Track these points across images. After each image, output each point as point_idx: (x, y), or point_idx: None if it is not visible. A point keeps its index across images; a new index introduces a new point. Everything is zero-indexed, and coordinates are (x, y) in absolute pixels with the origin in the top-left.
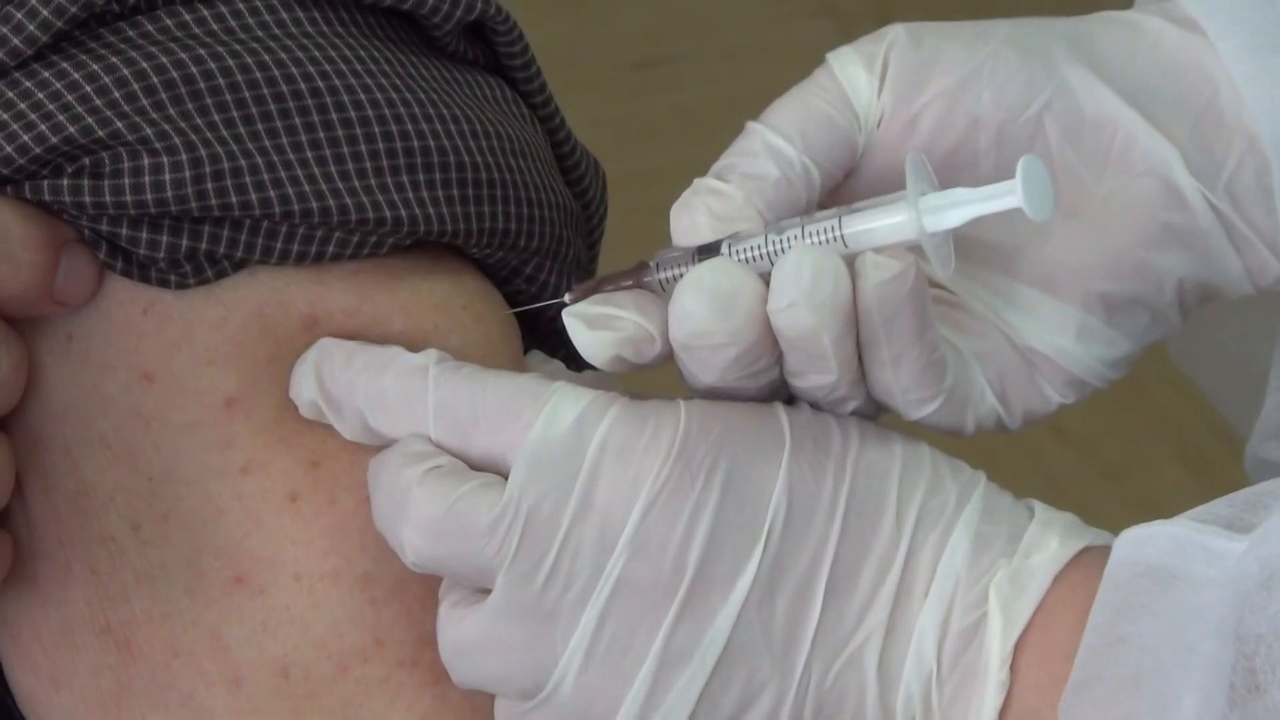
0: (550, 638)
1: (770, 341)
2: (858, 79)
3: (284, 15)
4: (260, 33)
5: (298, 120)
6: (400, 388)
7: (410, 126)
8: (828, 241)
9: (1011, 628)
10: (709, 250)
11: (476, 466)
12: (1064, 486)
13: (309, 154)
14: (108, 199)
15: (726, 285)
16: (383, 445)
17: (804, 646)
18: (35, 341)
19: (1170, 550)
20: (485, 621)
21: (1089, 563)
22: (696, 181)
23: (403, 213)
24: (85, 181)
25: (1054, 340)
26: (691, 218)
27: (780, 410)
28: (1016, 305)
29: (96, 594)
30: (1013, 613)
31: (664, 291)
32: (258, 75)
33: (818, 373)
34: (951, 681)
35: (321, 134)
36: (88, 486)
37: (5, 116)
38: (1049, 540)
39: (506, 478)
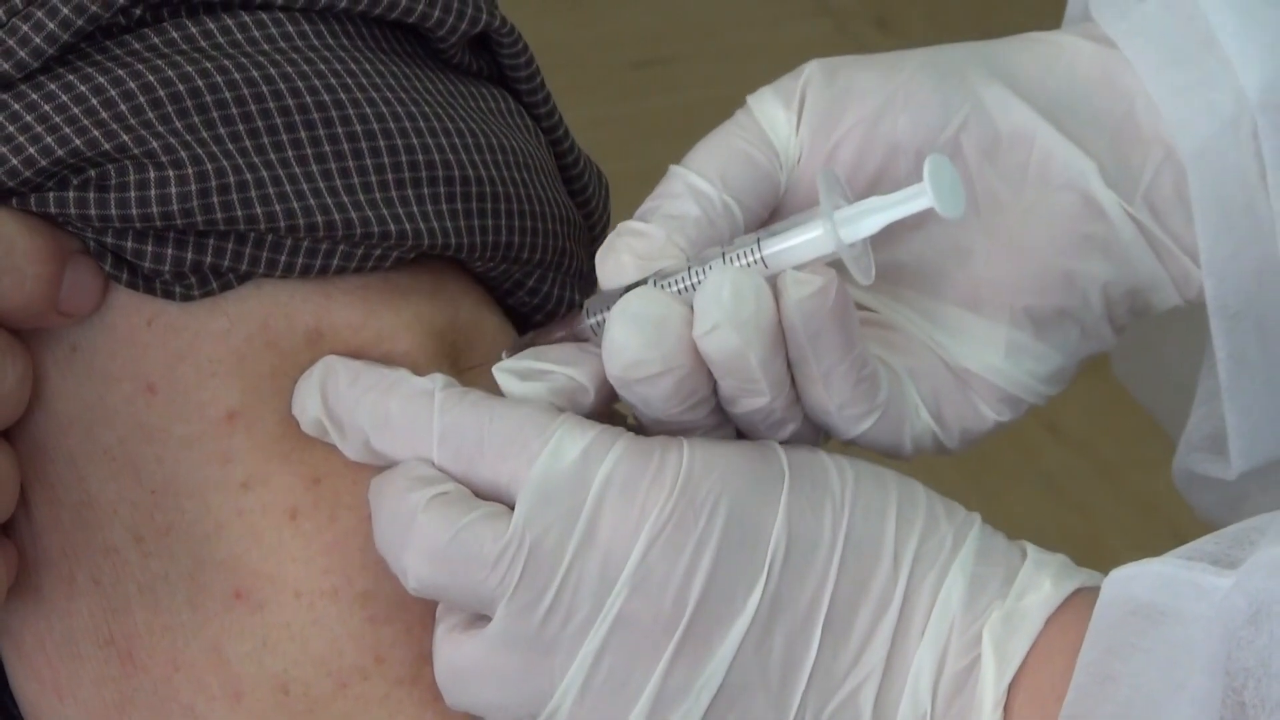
0: (547, 669)
1: (705, 369)
2: (775, 117)
3: (289, 28)
4: (266, 46)
5: (302, 134)
6: (405, 410)
7: (414, 140)
8: (748, 265)
9: (1005, 669)
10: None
11: (480, 494)
12: (1061, 485)
13: (313, 167)
14: (113, 212)
15: (653, 311)
16: (385, 465)
17: (800, 685)
18: (40, 352)
19: (1158, 587)
20: (482, 649)
21: (1080, 604)
22: (619, 225)
23: (406, 226)
24: (90, 194)
25: (984, 358)
26: (616, 259)
27: (778, 449)
28: (944, 326)
29: (100, 605)
30: (1006, 654)
31: (597, 336)
32: (263, 89)
33: (750, 396)
34: None
35: (326, 147)
36: (91, 498)
37: (11, 129)
38: (1042, 582)
39: (509, 507)
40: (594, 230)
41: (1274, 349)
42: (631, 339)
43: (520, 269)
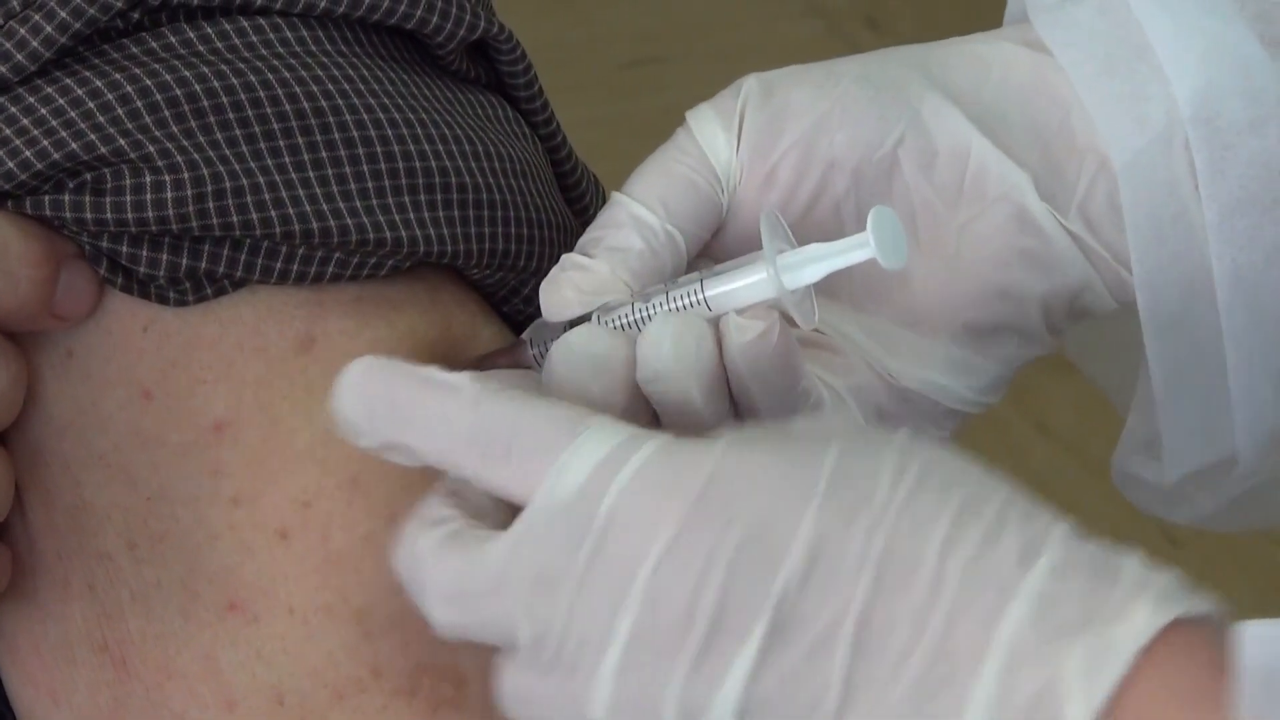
0: (575, 688)
1: (647, 403)
2: (715, 138)
3: (288, 34)
4: (264, 51)
5: (299, 140)
6: (436, 403)
7: (411, 147)
8: (691, 307)
9: (1085, 709)
10: (579, 324)
11: (496, 495)
12: (1051, 484)
13: (310, 174)
14: (109, 216)
15: (595, 349)
16: (410, 467)
17: (829, 706)
18: (35, 356)
19: None
20: (516, 674)
21: (1178, 638)
22: (564, 258)
23: (402, 234)
24: (86, 198)
25: (924, 375)
26: (560, 294)
27: (830, 448)
28: (885, 344)
29: (94, 611)
30: (1089, 693)
31: (539, 368)
32: (260, 94)
33: (694, 427)
34: None
35: (323, 154)
36: (86, 503)
37: (8, 132)
38: (1136, 608)
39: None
40: None
41: (1206, 359)
42: (573, 377)
43: (516, 277)
